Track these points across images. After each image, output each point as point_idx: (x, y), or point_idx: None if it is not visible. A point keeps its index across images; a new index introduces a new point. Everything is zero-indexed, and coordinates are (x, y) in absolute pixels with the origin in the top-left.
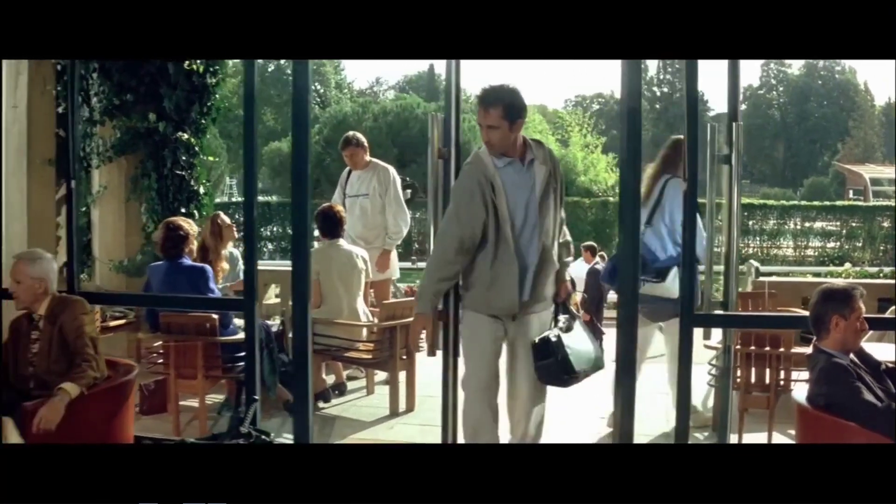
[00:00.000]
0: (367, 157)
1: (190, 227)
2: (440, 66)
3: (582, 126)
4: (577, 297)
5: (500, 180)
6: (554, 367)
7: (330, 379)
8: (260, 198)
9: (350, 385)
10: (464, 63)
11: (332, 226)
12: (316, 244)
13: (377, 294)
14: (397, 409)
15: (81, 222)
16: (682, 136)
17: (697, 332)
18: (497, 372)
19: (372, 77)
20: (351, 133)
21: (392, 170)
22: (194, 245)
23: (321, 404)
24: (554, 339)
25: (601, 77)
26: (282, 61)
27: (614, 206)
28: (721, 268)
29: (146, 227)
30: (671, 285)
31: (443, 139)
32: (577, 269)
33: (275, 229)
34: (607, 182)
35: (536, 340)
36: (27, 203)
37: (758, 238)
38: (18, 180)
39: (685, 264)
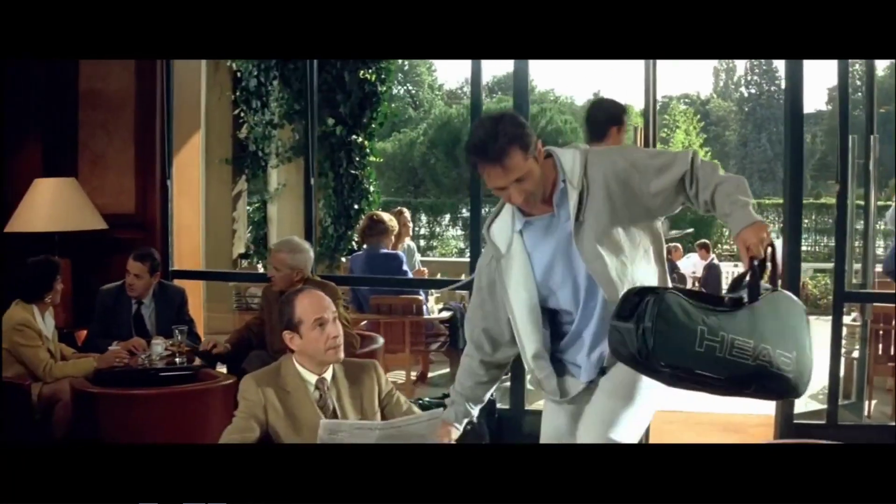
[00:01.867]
0: None
1: (390, 221)
2: (528, 66)
3: (689, 126)
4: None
5: (519, 248)
6: (628, 336)
7: None
8: None
9: None
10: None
11: None
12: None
13: None
14: None
15: (258, 217)
16: None
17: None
18: None
19: (461, 78)
20: None
21: None
22: (392, 237)
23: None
24: (652, 295)
25: (685, 77)
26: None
27: None
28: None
29: (322, 222)
30: None
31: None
32: (693, 265)
33: None
34: None
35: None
36: (205, 199)
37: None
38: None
39: (837, 252)
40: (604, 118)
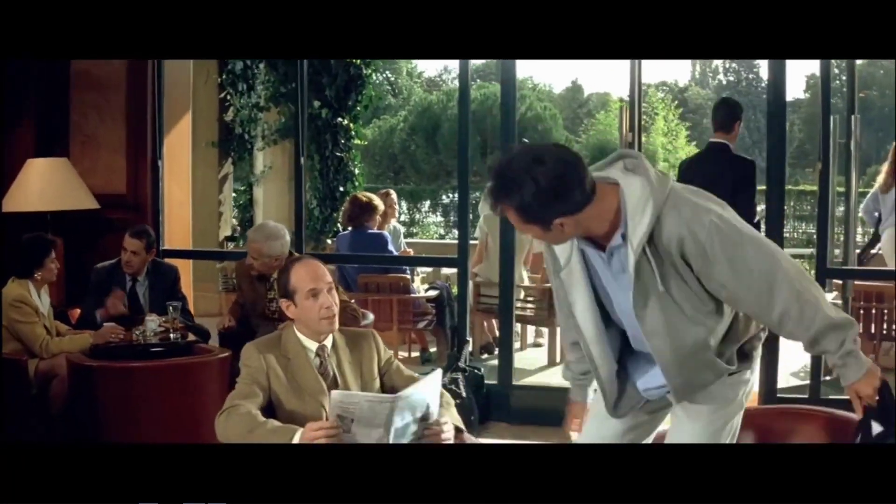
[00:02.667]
0: None
1: (371, 200)
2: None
3: (668, 113)
4: None
5: (579, 262)
6: None
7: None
8: None
9: None
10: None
11: None
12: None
13: (534, 262)
14: (555, 360)
15: (244, 199)
16: None
17: None
18: None
19: (440, 65)
20: None
21: None
22: (378, 217)
23: (485, 355)
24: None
25: (662, 65)
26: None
27: None
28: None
29: (308, 204)
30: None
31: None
32: None
33: None
34: None
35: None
36: (192, 182)
37: (829, 217)
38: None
39: (819, 229)
40: (730, 116)
